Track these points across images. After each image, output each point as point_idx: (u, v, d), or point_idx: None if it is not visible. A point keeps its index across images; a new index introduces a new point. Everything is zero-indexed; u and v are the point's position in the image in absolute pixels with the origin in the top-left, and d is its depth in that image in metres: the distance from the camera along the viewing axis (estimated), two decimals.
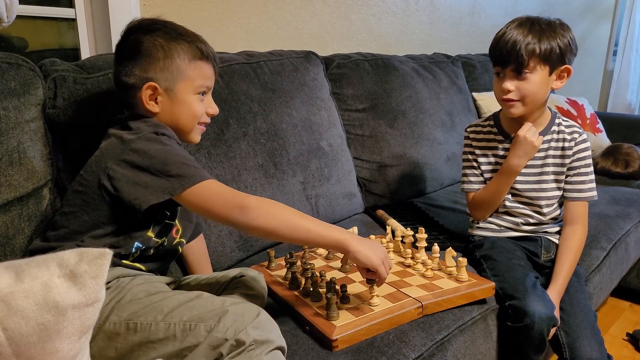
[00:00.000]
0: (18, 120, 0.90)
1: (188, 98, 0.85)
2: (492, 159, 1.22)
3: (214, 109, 0.90)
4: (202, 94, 0.87)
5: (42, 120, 0.96)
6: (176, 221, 0.91)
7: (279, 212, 0.77)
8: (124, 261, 0.81)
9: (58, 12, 1.32)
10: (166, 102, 0.84)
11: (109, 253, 0.53)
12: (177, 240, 0.92)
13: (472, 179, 1.23)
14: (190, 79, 0.85)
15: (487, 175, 1.22)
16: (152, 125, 0.83)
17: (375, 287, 0.88)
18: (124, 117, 0.86)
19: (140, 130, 0.81)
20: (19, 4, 1.04)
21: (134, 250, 0.82)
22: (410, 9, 2.16)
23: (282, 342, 0.72)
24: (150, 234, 0.84)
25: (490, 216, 1.23)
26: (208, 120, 0.91)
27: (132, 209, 0.76)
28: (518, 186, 1.18)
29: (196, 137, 0.90)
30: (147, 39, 0.83)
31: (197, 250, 1.05)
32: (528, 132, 1.13)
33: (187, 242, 0.99)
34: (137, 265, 0.84)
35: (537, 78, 1.08)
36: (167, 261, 0.93)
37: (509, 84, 1.09)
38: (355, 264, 0.89)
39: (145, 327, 0.71)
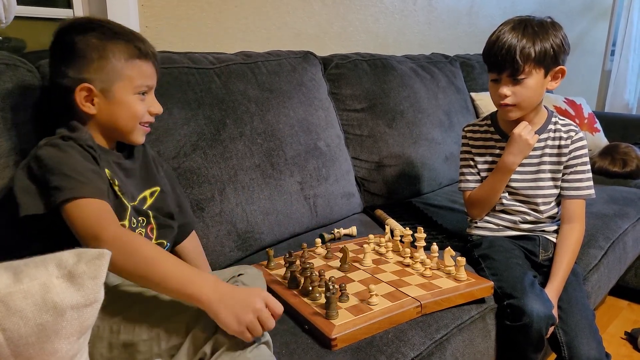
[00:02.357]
0: (15, 122, 0.90)
1: (127, 98, 0.82)
2: (489, 158, 1.22)
3: (157, 108, 0.87)
4: (143, 94, 0.84)
5: (39, 121, 0.95)
6: (152, 220, 0.89)
7: (135, 252, 0.68)
8: None
9: (56, 12, 1.32)
10: (103, 103, 0.81)
11: (107, 253, 0.53)
12: (153, 242, 0.89)
13: (469, 177, 1.23)
14: (129, 79, 0.82)
15: (484, 174, 1.22)
16: (67, 130, 0.80)
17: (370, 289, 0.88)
18: (60, 121, 0.84)
19: (55, 136, 0.79)
20: (17, 4, 1.04)
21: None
22: (408, 9, 2.17)
23: (267, 337, 0.72)
24: None
25: (488, 215, 1.23)
26: (152, 119, 0.87)
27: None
28: (515, 184, 1.19)
29: (139, 137, 0.87)
30: (80, 39, 0.80)
31: (191, 250, 1.03)
32: (523, 130, 1.13)
33: (175, 244, 0.98)
34: None
35: (532, 82, 1.08)
36: None
37: (506, 90, 1.09)
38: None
39: (129, 331, 0.71)
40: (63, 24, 0.84)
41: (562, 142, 1.17)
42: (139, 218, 0.86)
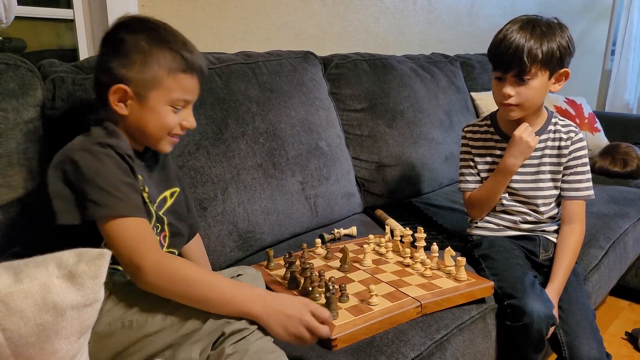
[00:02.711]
0: (17, 122, 0.90)
1: (160, 108, 0.80)
2: (489, 159, 1.22)
3: (191, 123, 0.85)
4: (178, 107, 0.83)
5: (41, 121, 0.96)
6: (166, 227, 0.88)
7: (177, 277, 0.70)
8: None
9: (56, 13, 1.32)
10: (135, 106, 0.80)
11: (107, 253, 0.53)
12: (165, 250, 0.89)
13: (468, 178, 1.23)
14: (167, 90, 0.80)
15: (483, 175, 1.22)
16: (105, 134, 0.79)
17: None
18: (92, 117, 0.83)
19: (91, 137, 0.77)
20: (18, 5, 1.05)
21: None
22: (408, 9, 2.17)
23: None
24: (104, 246, 0.80)
25: (488, 215, 1.23)
26: (182, 132, 0.86)
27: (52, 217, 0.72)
28: (515, 185, 1.18)
29: (166, 147, 0.86)
30: (130, 38, 0.79)
31: (194, 251, 1.03)
32: (524, 132, 1.12)
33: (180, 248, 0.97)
34: (115, 266, 0.81)
35: (537, 83, 1.08)
36: None
37: (510, 90, 1.08)
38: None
39: (142, 323, 0.71)
40: (122, 18, 0.82)
41: (562, 143, 1.17)
42: (156, 224, 0.86)
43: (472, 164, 1.23)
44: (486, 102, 2.08)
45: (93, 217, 0.71)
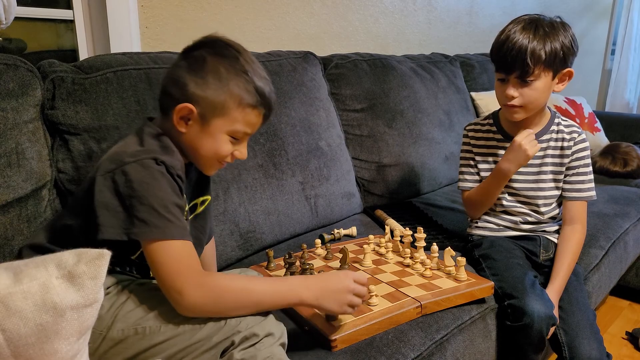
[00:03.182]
0: (16, 121, 0.90)
1: (218, 135, 0.79)
2: (490, 158, 1.22)
3: (242, 154, 0.83)
4: (237, 138, 0.81)
5: (41, 121, 0.96)
6: None
7: (221, 295, 0.70)
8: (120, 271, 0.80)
9: (56, 13, 1.32)
10: (196, 128, 0.79)
11: (107, 254, 0.53)
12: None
13: (467, 177, 1.23)
14: (231, 120, 0.79)
15: (484, 174, 1.22)
16: (160, 148, 0.77)
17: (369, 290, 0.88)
18: (146, 125, 0.81)
19: (145, 151, 0.75)
20: (17, 5, 1.04)
21: (128, 269, 0.80)
22: (408, 9, 2.17)
23: (285, 339, 0.74)
24: (135, 259, 0.80)
25: (488, 215, 1.23)
26: (231, 161, 0.84)
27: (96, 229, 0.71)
28: (516, 185, 1.18)
29: (211, 171, 0.86)
30: (211, 60, 0.78)
31: (207, 254, 1.02)
32: (525, 139, 1.10)
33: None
34: (136, 275, 0.82)
35: (541, 84, 1.07)
36: None
37: (513, 91, 1.07)
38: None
39: (155, 330, 0.71)
40: (209, 37, 0.81)
41: (565, 144, 1.16)
42: None
43: (472, 163, 1.23)
44: (486, 102, 2.08)
45: (140, 237, 0.70)
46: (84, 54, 1.35)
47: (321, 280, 0.76)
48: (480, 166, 1.23)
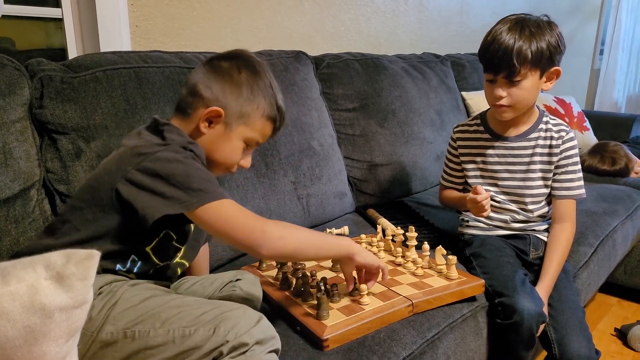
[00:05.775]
0: (4, 121, 0.89)
1: (236, 141, 0.86)
2: (477, 159, 1.23)
3: (247, 164, 0.90)
4: (249, 146, 0.88)
5: (29, 120, 0.95)
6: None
7: (295, 234, 0.79)
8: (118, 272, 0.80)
9: (45, 12, 1.30)
10: (218, 132, 0.84)
11: (96, 254, 0.52)
12: (177, 260, 0.88)
13: (445, 177, 1.32)
14: (252, 129, 0.86)
15: (472, 173, 1.23)
16: (184, 139, 0.81)
17: (361, 290, 0.89)
18: (162, 122, 0.83)
19: (171, 141, 0.79)
20: (5, 3, 1.03)
21: (129, 264, 0.80)
22: (400, 9, 2.17)
23: (279, 345, 0.72)
24: (149, 250, 0.81)
25: None
26: (235, 170, 0.90)
27: (142, 218, 0.73)
28: (503, 183, 1.19)
29: (218, 174, 0.89)
30: (245, 72, 0.85)
31: (202, 255, 1.02)
32: (484, 201, 1.08)
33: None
34: (131, 275, 0.81)
35: (528, 84, 1.08)
36: (163, 280, 0.88)
37: (501, 91, 1.09)
38: (343, 274, 0.91)
39: (144, 335, 0.70)
40: (242, 52, 0.89)
41: (554, 142, 1.17)
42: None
43: (451, 165, 1.29)
44: (477, 101, 2.09)
45: (201, 204, 0.73)
46: (73, 52, 1.33)
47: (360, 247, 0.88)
48: (467, 166, 1.24)
